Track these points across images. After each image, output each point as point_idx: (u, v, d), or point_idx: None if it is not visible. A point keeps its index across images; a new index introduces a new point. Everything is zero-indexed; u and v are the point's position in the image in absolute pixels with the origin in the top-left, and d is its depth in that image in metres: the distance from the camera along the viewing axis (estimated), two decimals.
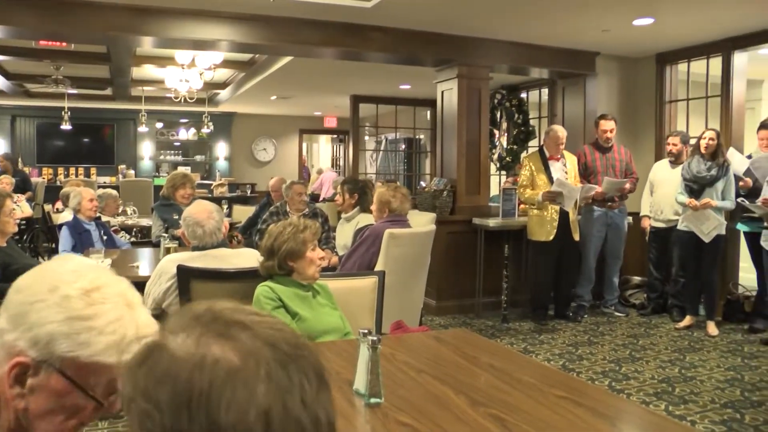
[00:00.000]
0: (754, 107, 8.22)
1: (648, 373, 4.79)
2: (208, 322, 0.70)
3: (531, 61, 7.09)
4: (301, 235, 2.77)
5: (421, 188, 7.16)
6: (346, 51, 6.41)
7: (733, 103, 6.62)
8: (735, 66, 6.59)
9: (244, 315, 0.72)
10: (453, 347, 2.42)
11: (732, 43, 6.51)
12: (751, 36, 6.33)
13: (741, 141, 6.73)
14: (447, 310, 6.64)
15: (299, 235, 2.77)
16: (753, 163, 5.94)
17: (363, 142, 13.05)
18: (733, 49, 6.54)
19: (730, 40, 6.49)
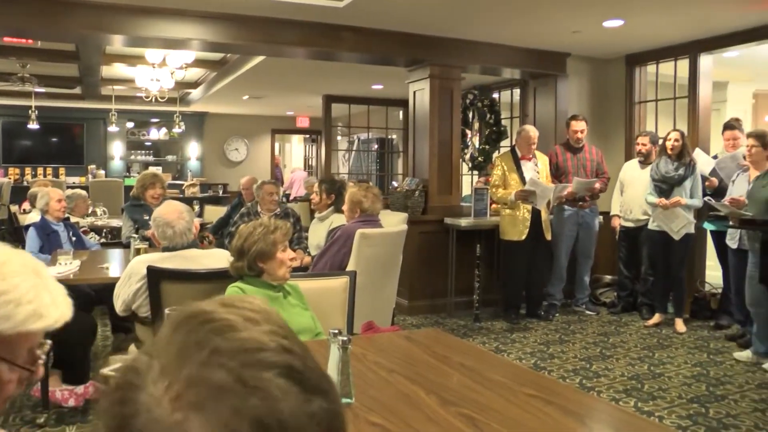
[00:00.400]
0: (719, 108, 8.35)
1: (618, 371, 4.85)
2: (195, 368, 0.58)
3: (503, 62, 7.13)
4: (271, 236, 2.75)
5: (393, 188, 7.16)
6: (318, 51, 6.39)
7: (699, 104, 6.73)
8: (701, 68, 6.70)
9: (242, 355, 0.59)
10: (424, 347, 2.42)
11: (698, 45, 6.62)
12: (716, 39, 6.44)
13: (707, 141, 6.84)
14: (419, 309, 6.66)
15: (269, 236, 2.75)
16: (718, 163, 6.04)
17: (335, 142, 13.02)
18: (699, 51, 6.65)
19: (696, 42, 6.60)
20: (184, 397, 0.56)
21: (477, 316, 6.37)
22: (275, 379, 0.57)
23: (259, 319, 0.63)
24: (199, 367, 0.57)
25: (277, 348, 0.60)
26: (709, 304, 6.45)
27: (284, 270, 2.78)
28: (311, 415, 0.58)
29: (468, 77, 7.55)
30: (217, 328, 0.60)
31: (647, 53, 7.20)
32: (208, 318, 0.62)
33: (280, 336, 0.62)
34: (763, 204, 4.79)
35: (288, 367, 0.59)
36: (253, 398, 0.55)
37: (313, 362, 0.63)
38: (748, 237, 5.02)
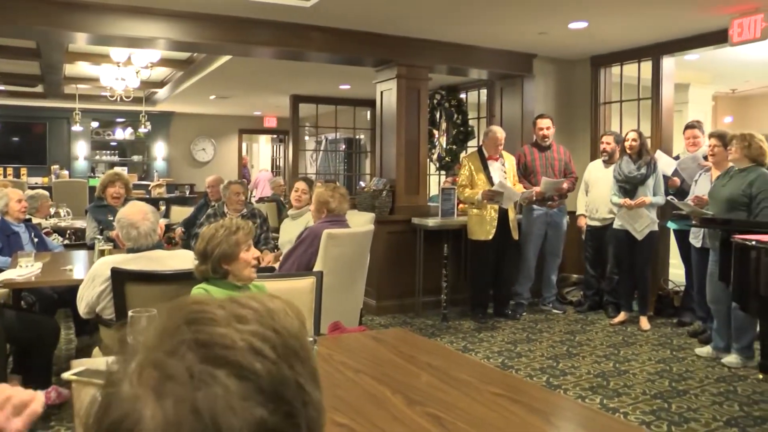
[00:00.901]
0: (681, 110, 8.50)
1: (584, 369, 4.91)
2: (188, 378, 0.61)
3: (470, 62, 7.16)
4: (233, 236, 2.73)
5: (361, 188, 7.15)
6: (285, 51, 6.36)
7: (662, 105, 6.85)
8: (664, 70, 6.82)
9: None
10: (391, 347, 2.43)
11: (660, 48, 6.73)
12: (677, 42, 6.56)
13: (670, 142, 6.96)
14: (387, 309, 6.66)
15: (232, 237, 2.72)
16: (680, 164, 6.15)
17: (303, 142, 12.97)
18: (661, 54, 6.77)
19: (659, 45, 6.72)
20: (144, 378, 0.60)
21: (445, 315, 6.40)
22: (225, 378, 0.59)
23: (250, 318, 0.64)
24: (164, 354, 0.61)
25: (245, 349, 0.61)
26: (672, 301, 6.57)
27: (249, 270, 2.76)
28: (248, 419, 0.59)
29: (435, 77, 7.58)
30: (196, 320, 0.63)
31: (612, 55, 7.30)
32: (195, 309, 0.65)
33: (259, 338, 0.63)
34: (723, 203, 4.89)
35: (245, 369, 0.60)
36: (199, 392, 0.58)
37: (291, 370, 0.63)
38: (709, 235, 5.12)
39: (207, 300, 0.68)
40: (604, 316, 6.54)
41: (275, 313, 0.67)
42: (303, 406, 0.63)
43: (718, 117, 10.44)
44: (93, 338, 4.18)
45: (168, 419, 0.58)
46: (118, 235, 3.40)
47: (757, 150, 4.79)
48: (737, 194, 4.79)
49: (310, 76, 8.88)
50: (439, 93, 9.48)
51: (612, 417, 2.35)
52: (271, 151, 18.11)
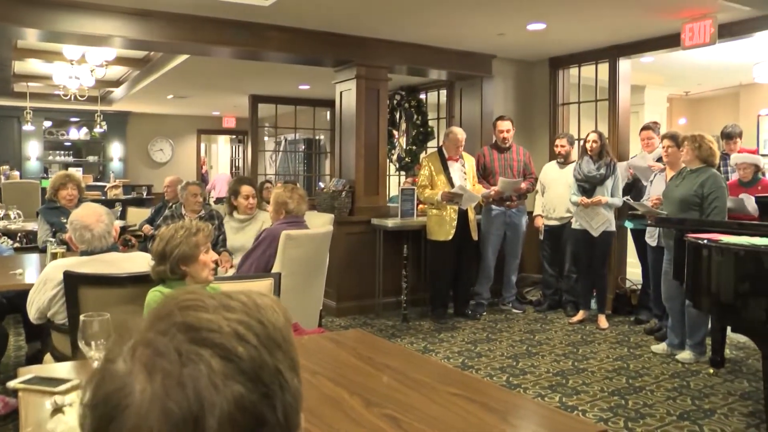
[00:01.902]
0: (637, 111, 8.68)
1: (543, 367, 4.96)
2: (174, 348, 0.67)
3: (429, 63, 7.19)
4: (193, 238, 2.70)
5: (320, 189, 7.13)
6: (243, 50, 6.30)
7: (619, 106, 6.97)
8: (620, 72, 6.95)
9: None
10: (349, 348, 2.42)
11: (617, 50, 6.86)
12: (633, 44, 6.71)
13: (627, 143, 7.09)
14: (347, 311, 6.65)
15: (191, 238, 2.69)
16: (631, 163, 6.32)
17: (262, 143, 12.90)
18: (618, 56, 6.89)
19: (616, 47, 6.84)
20: (138, 355, 0.66)
21: (405, 316, 6.41)
22: (210, 357, 0.65)
23: (237, 309, 0.71)
24: (156, 334, 0.67)
25: (230, 333, 0.68)
26: (629, 300, 6.69)
27: (207, 272, 2.73)
28: (228, 396, 0.64)
29: (395, 78, 7.59)
30: (188, 306, 0.70)
31: (570, 56, 7.40)
32: (187, 298, 0.72)
33: (244, 326, 0.69)
34: (676, 203, 5.00)
35: (229, 351, 0.66)
36: (185, 368, 0.64)
37: (271, 357, 0.69)
38: (664, 234, 5.23)
39: (199, 291, 0.74)
40: (563, 315, 6.63)
41: (262, 308, 0.73)
42: (280, 390, 0.69)
43: (673, 118, 10.68)
44: (44, 344, 4.08)
45: (156, 392, 0.63)
46: (71, 237, 3.33)
47: (707, 151, 4.91)
48: (689, 194, 4.90)
49: (270, 76, 8.83)
50: (399, 93, 9.49)
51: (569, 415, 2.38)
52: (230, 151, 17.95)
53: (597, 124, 7.11)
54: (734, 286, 3.69)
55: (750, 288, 3.60)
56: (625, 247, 6.94)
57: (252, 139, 11.38)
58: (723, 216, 4.83)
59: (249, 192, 5.49)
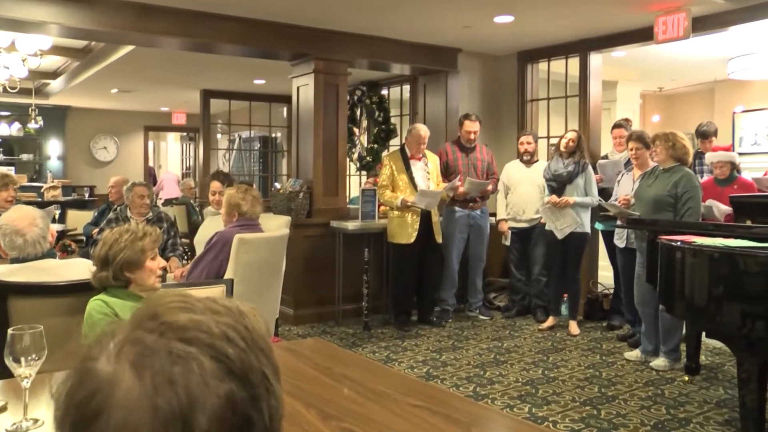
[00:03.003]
0: (609, 108, 8.81)
1: (512, 376, 5.00)
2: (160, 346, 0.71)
3: (391, 57, 7.21)
4: (139, 243, 2.65)
5: (276, 190, 7.09)
6: (194, 42, 6.24)
7: (590, 103, 7.07)
8: (591, 67, 7.05)
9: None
10: (306, 358, 2.41)
11: (588, 44, 6.96)
12: (605, 38, 6.80)
13: (598, 141, 7.20)
14: (305, 318, 6.63)
15: (137, 243, 2.65)
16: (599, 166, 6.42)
17: (215, 141, 12.78)
18: (589, 50, 6.99)
19: (586, 41, 6.94)
20: (124, 353, 0.69)
21: (366, 323, 6.41)
22: (200, 356, 0.69)
23: (223, 312, 0.75)
24: (144, 332, 0.71)
25: (219, 335, 0.72)
26: (601, 304, 6.78)
27: (153, 279, 2.69)
28: (218, 395, 0.68)
29: (355, 72, 7.59)
30: (176, 308, 0.73)
31: (539, 50, 7.48)
32: (175, 299, 0.75)
33: (232, 330, 0.73)
34: (649, 204, 5.08)
35: (219, 351, 0.70)
36: (176, 366, 0.67)
37: (257, 361, 0.73)
38: (636, 236, 5.32)
39: (185, 292, 0.78)
40: (533, 321, 6.70)
41: (246, 314, 0.77)
42: (267, 393, 0.73)
43: (646, 115, 10.87)
44: None
45: (145, 390, 0.66)
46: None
47: (681, 149, 5.01)
48: (663, 195, 4.99)
49: (222, 69, 8.76)
50: (360, 89, 9.49)
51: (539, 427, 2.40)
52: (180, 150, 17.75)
53: (567, 122, 7.20)
54: (708, 290, 3.75)
55: (725, 291, 3.66)
56: (597, 250, 7.04)
57: (204, 137, 11.28)
58: (697, 217, 4.93)
59: (216, 188, 5.49)
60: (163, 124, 14.67)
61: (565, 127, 7.07)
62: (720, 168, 5.77)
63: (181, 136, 17.08)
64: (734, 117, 9.61)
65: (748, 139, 9.45)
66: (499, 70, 7.95)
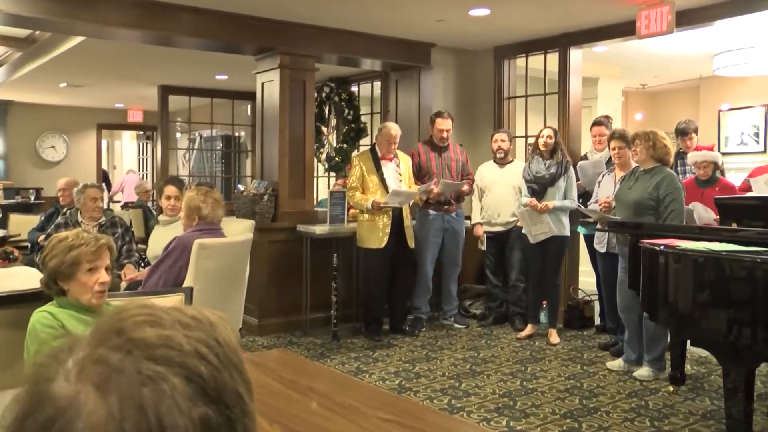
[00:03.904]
0: (590, 105, 8.89)
1: (489, 388, 5.02)
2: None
3: (361, 52, 7.22)
4: (73, 252, 2.55)
5: (239, 192, 7.06)
6: (150, 34, 6.20)
7: (570, 100, 7.13)
8: (571, 63, 7.10)
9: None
10: (270, 371, 2.40)
11: (568, 39, 7.02)
12: (586, 33, 6.86)
13: (578, 139, 7.26)
14: (271, 328, 6.60)
15: (71, 252, 2.54)
16: (580, 168, 6.47)
17: (174, 140, 12.70)
18: (569, 45, 7.05)
19: (566, 35, 6.99)
20: (86, 373, 0.66)
21: (335, 333, 6.40)
22: (172, 377, 0.66)
23: (193, 325, 0.72)
24: (108, 350, 0.67)
25: (191, 352, 0.69)
26: (582, 312, 6.83)
27: (89, 296, 2.58)
28: (192, 419, 0.65)
29: (323, 68, 7.58)
30: (143, 322, 0.71)
31: (516, 45, 7.53)
32: (140, 312, 0.72)
33: (204, 345, 0.70)
34: (630, 207, 5.13)
35: (191, 371, 0.68)
36: (145, 388, 0.64)
37: (231, 379, 0.71)
38: (618, 241, 5.36)
39: (151, 304, 0.75)
40: (511, 330, 6.73)
41: (216, 326, 0.74)
42: (242, 414, 0.71)
43: (629, 113, 10.99)
44: None
45: (111, 414, 0.63)
46: None
47: (662, 149, 5.06)
48: (644, 197, 5.04)
49: (182, 64, 8.70)
50: (328, 85, 9.49)
51: None
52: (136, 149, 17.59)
53: (546, 120, 7.25)
54: (693, 296, 3.80)
55: (710, 297, 3.71)
56: (577, 255, 7.09)
57: (162, 136, 11.19)
58: (681, 220, 4.99)
59: (171, 192, 5.42)
60: (118, 121, 14.51)
61: (544, 126, 7.11)
62: (703, 168, 5.83)
63: (138, 134, 16.93)
64: (720, 115, 9.75)
65: (734, 139, 9.60)
66: (475, 66, 7.99)
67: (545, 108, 7.40)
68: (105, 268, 2.64)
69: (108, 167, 16.69)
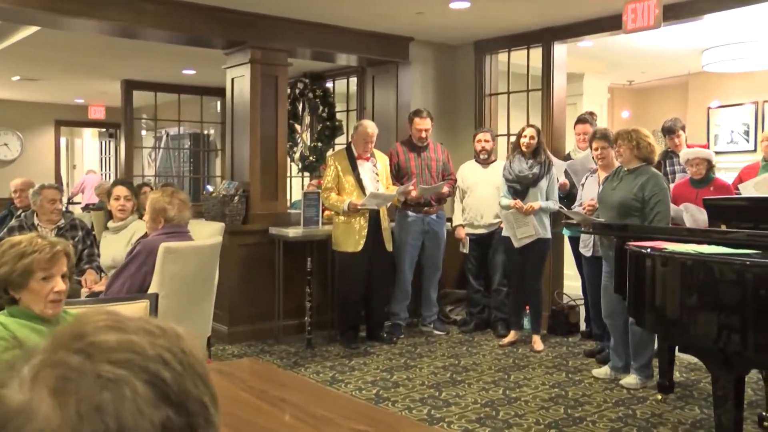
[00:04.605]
0: (575, 102, 8.95)
1: (470, 397, 5.04)
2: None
3: (337, 46, 7.22)
4: (24, 260, 2.49)
5: (208, 193, 7.03)
6: (112, 25, 6.15)
7: (554, 97, 7.17)
8: (555, 58, 7.15)
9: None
10: (238, 380, 2.40)
11: (552, 33, 7.06)
12: (570, 27, 6.91)
13: (562, 137, 7.31)
14: (242, 336, 6.58)
15: (22, 260, 2.48)
16: (570, 165, 6.50)
17: (139, 138, 12.61)
18: (553, 39, 7.09)
19: (550, 30, 7.03)
20: (41, 378, 0.67)
21: (309, 341, 6.40)
22: (134, 380, 0.67)
23: (158, 333, 0.74)
24: (68, 353, 0.69)
25: (155, 357, 0.70)
26: (567, 317, 6.88)
27: (43, 305, 2.51)
28: (153, 423, 0.66)
29: (296, 63, 7.56)
30: (106, 327, 0.72)
31: (498, 40, 7.56)
32: (105, 318, 0.74)
33: (168, 352, 0.72)
34: (614, 208, 5.15)
35: (154, 375, 0.69)
36: (105, 391, 0.65)
37: (195, 388, 0.72)
38: (601, 244, 5.40)
39: (115, 311, 0.76)
40: (493, 336, 6.76)
41: (182, 337, 0.76)
42: (206, 423, 0.72)
43: (615, 111, 11.07)
44: None
45: (67, 418, 0.64)
46: None
47: (647, 148, 5.09)
48: (628, 198, 5.07)
49: (147, 57, 8.65)
50: (302, 81, 9.48)
51: None
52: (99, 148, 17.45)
53: (529, 118, 7.29)
54: (681, 301, 3.83)
55: (698, 302, 3.73)
56: (561, 258, 7.13)
57: (126, 134, 11.11)
58: (667, 222, 5.03)
59: (120, 192, 5.36)
60: (78, 118, 14.37)
61: (526, 125, 7.13)
62: (696, 166, 5.77)
63: (100, 132, 16.78)
64: (709, 113, 9.85)
65: (724, 137, 9.69)
66: (455, 61, 8.02)
67: (528, 105, 7.45)
68: (62, 275, 2.58)
69: (67, 167, 16.53)
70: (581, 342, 6.55)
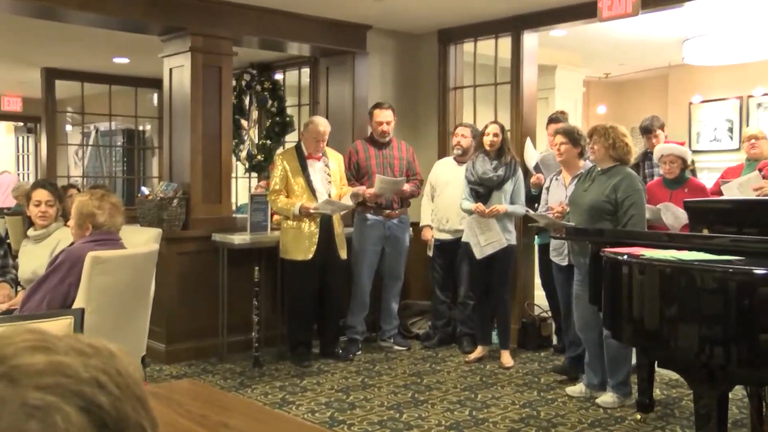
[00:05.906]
0: (547, 97, 9.05)
1: (434, 419, 5.06)
2: None
3: (287, 34, 7.21)
4: None
5: (143, 196, 6.97)
6: (30, 5, 6.07)
7: (524, 90, 7.22)
8: (525, 48, 7.20)
9: None
10: (176, 404, 2.38)
11: (521, 21, 7.11)
12: (541, 14, 6.96)
13: (533, 135, 7.35)
14: (181, 355, 6.54)
15: None
16: (542, 159, 6.53)
17: (63, 134, 12.47)
18: (522, 28, 7.14)
19: (520, 18, 7.08)
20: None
21: (257, 359, 6.38)
22: (66, 407, 0.66)
23: (90, 353, 0.73)
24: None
25: (89, 380, 0.69)
26: (539, 330, 6.93)
27: None
28: None
29: (242, 52, 7.55)
30: (31, 347, 0.70)
31: (463, 29, 7.61)
32: (30, 338, 0.72)
33: (104, 373, 0.71)
34: (586, 211, 5.19)
35: (89, 401, 0.68)
36: (33, 421, 0.64)
37: (134, 412, 0.72)
38: (572, 251, 5.44)
39: (41, 329, 0.75)
40: (458, 352, 6.80)
41: (117, 356, 0.76)
42: None
43: (591, 105, 11.21)
44: None
45: None
46: None
47: (623, 149, 5.14)
48: (600, 201, 5.11)
49: (72, 43, 8.56)
50: (249, 72, 9.46)
51: None
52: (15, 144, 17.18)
53: (496, 113, 7.34)
54: (660, 311, 3.87)
55: (679, 313, 3.77)
56: (532, 266, 7.19)
57: (48, 129, 10.98)
58: (642, 226, 5.07)
59: (41, 197, 5.26)
60: None
61: (491, 121, 7.16)
62: (669, 163, 5.82)
63: (16, 126, 16.55)
64: (691, 108, 10.01)
65: (707, 135, 9.85)
66: (417, 51, 8.06)
67: (496, 99, 7.50)
68: None
69: None
70: (554, 357, 6.61)
